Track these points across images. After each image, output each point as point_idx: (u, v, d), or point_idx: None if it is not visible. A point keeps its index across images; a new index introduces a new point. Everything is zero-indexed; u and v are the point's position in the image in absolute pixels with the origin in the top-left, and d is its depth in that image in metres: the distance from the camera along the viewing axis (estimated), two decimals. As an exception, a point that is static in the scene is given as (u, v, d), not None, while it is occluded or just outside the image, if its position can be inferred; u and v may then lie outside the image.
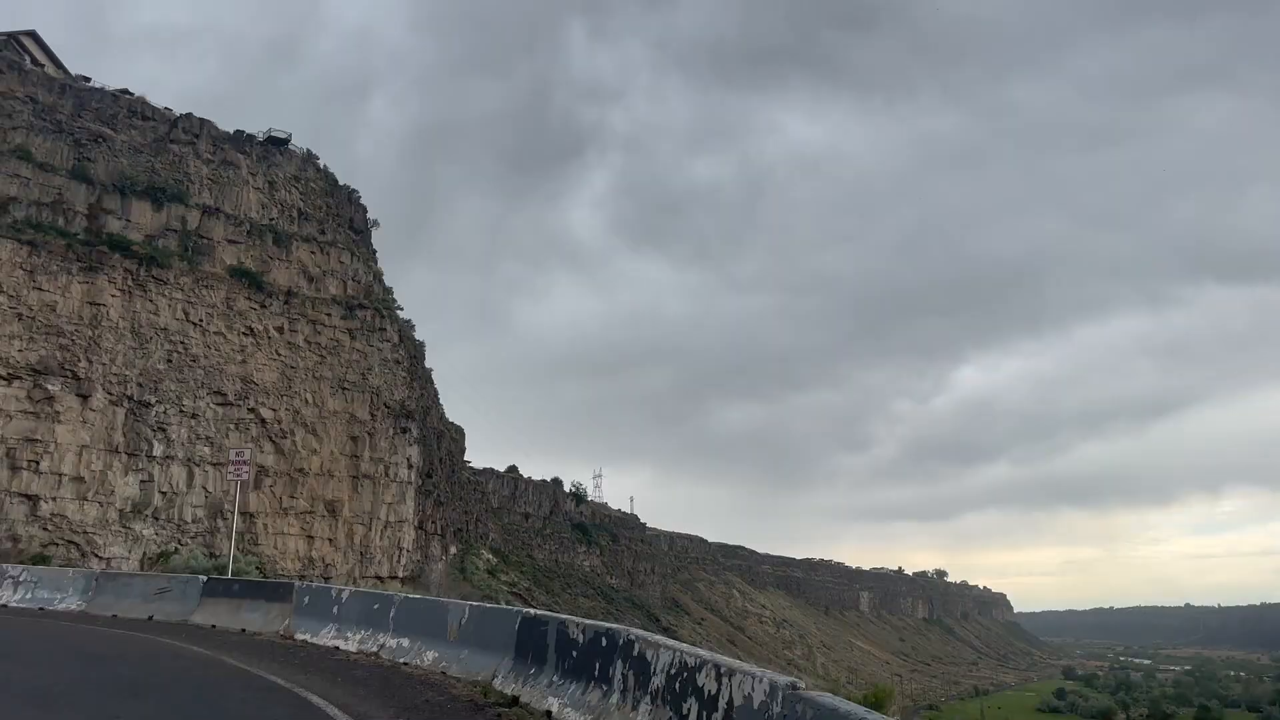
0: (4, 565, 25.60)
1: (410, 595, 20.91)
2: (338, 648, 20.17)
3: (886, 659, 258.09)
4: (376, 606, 20.17)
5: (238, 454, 32.71)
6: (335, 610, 21.33)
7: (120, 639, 21.66)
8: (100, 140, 72.19)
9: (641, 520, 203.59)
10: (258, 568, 70.43)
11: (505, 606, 19.79)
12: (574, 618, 14.68)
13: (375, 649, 19.34)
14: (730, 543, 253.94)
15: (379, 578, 78.64)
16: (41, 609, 26.00)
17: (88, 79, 76.55)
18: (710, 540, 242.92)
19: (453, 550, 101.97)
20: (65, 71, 76.87)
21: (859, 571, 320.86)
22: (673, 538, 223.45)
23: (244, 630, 22.65)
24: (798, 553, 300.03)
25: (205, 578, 25.18)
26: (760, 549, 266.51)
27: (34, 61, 74.68)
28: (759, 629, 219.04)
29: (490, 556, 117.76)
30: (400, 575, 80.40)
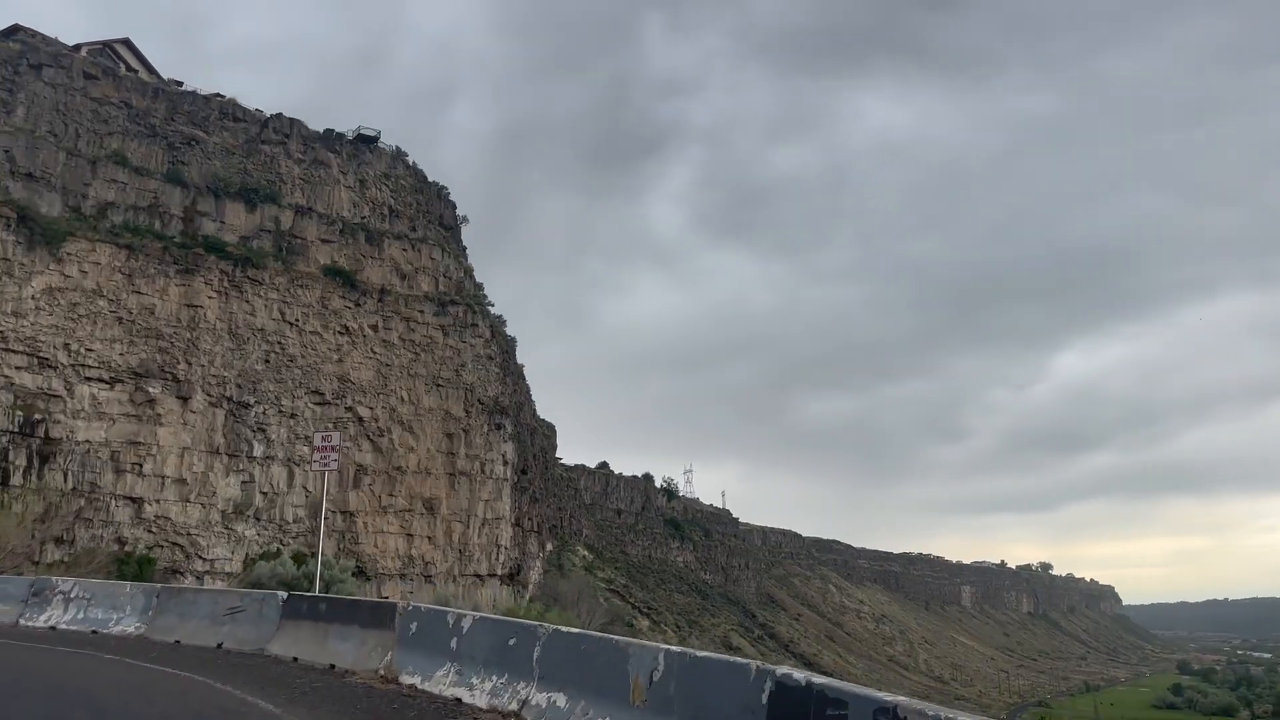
0: (52, 579, 22.50)
1: (564, 629, 13.58)
2: (460, 700, 14.42)
3: (991, 655, 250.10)
4: (513, 642, 14.14)
5: (324, 438, 25.69)
6: (454, 644, 15.50)
7: (166, 685, 15.90)
8: (193, 143, 72.56)
9: (734, 515, 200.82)
10: (357, 568, 69.93)
11: (733, 658, 8.70)
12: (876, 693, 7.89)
13: (515, 706, 13.34)
14: (824, 537, 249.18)
15: (478, 575, 77.65)
16: (94, 632, 21.26)
17: (180, 83, 77.11)
18: (804, 535, 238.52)
19: (549, 547, 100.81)
20: (158, 77, 77.59)
21: (959, 566, 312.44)
22: (766, 533, 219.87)
23: (333, 666, 17.57)
24: (894, 547, 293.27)
25: (284, 595, 19.94)
26: (855, 544, 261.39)
27: (128, 69, 75.50)
28: (857, 625, 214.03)
29: (586, 553, 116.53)
30: (499, 573, 79.31)
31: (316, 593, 25.67)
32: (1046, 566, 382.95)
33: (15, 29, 70.42)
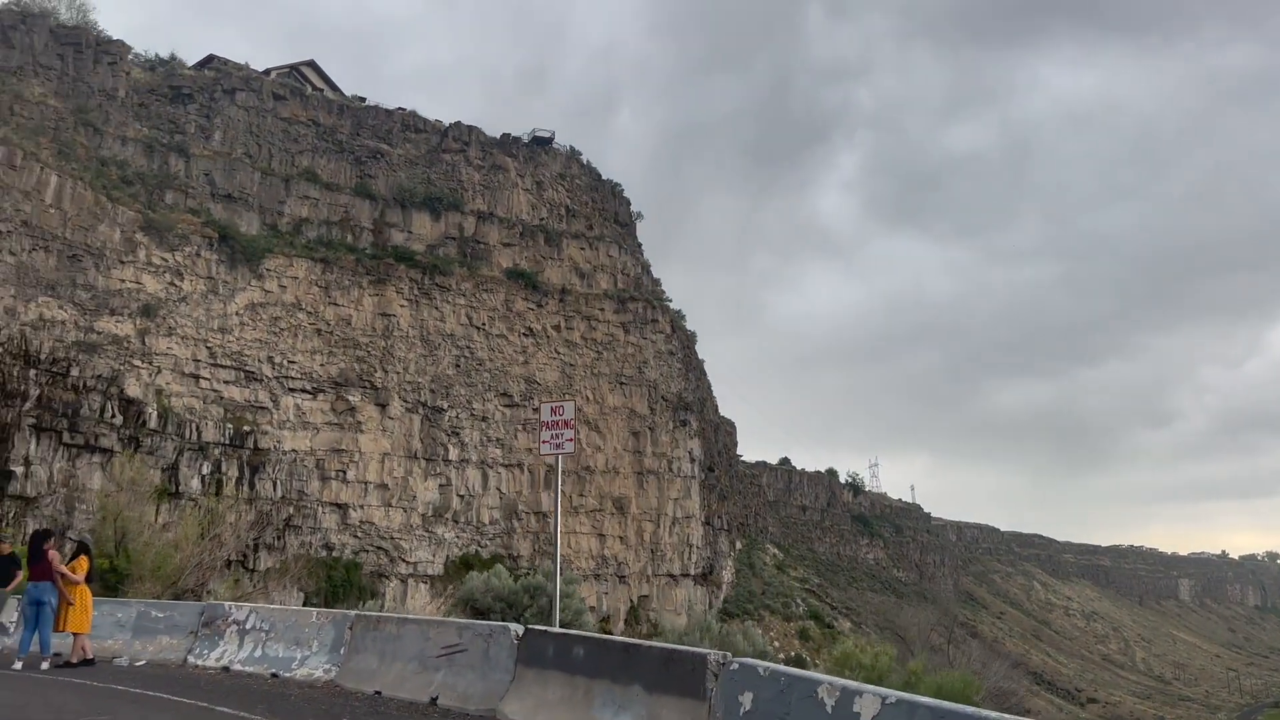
0: (227, 606, 18.33)
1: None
2: None
3: (1216, 652, 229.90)
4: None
5: (555, 409, 18.79)
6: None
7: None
8: (379, 156, 74.28)
9: (925, 510, 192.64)
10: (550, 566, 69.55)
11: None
12: None
13: None
14: (1024, 531, 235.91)
15: (671, 575, 76.02)
16: (274, 675, 16.52)
17: (363, 99, 79.30)
18: (1002, 529, 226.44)
19: (738, 545, 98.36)
20: (342, 95, 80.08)
21: (1174, 557, 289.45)
22: (960, 527, 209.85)
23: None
24: (1101, 539, 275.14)
25: (518, 629, 13.97)
26: (1058, 537, 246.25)
27: (313, 89, 78.20)
28: (1066, 623, 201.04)
29: (776, 551, 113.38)
30: (692, 573, 77.47)
31: (556, 622, 18.84)
32: (1274, 556, 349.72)
33: (210, 59, 74.12)
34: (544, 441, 18.71)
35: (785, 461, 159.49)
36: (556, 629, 13.97)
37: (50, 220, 53.23)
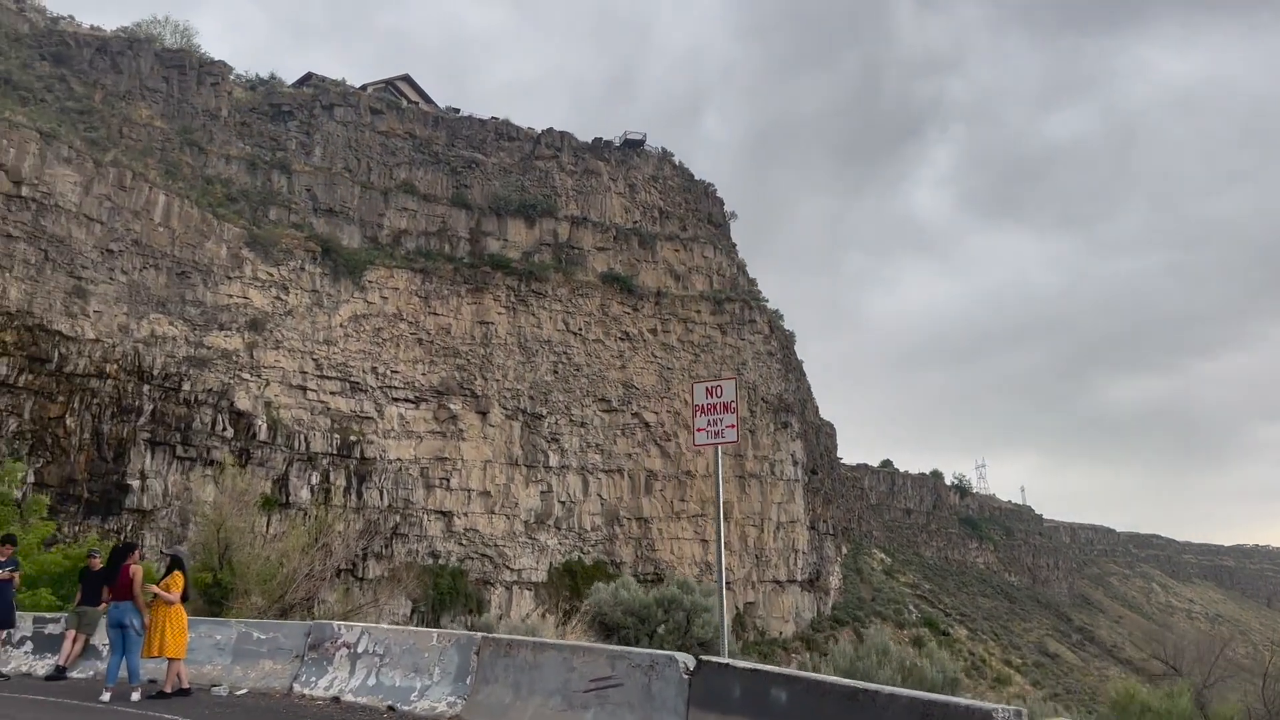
0: (335, 627, 16.14)
1: None
2: None
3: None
4: None
5: (711, 390, 15.27)
6: None
7: None
8: (474, 166, 74.62)
9: (1036, 511, 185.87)
10: (655, 575, 68.48)
11: None
12: None
13: None
14: (1141, 531, 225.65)
15: (777, 582, 74.23)
16: (391, 708, 14.34)
17: (457, 110, 79.87)
18: (1118, 530, 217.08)
19: (844, 550, 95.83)
20: (436, 107, 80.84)
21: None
22: (1074, 529, 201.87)
23: None
24: (1223, 539, 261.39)
25: (690, 660, 11.03)
26: (1177, 536, 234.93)
27: (409, 103, 79.09)
28: (1188, 626, 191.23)
29: (883, 556, 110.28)
30: (799, 579, 75.52)
31: (724, 651, 13.87)
32: None
33: (307, 77, 75.61)
34: (699, 430, 15.00)
35: (887, 464, 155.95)
36: (744, 663, 10.72)
37: (159, 238, 54.59)
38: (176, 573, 15.30)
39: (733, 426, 14.77)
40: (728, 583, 71.49)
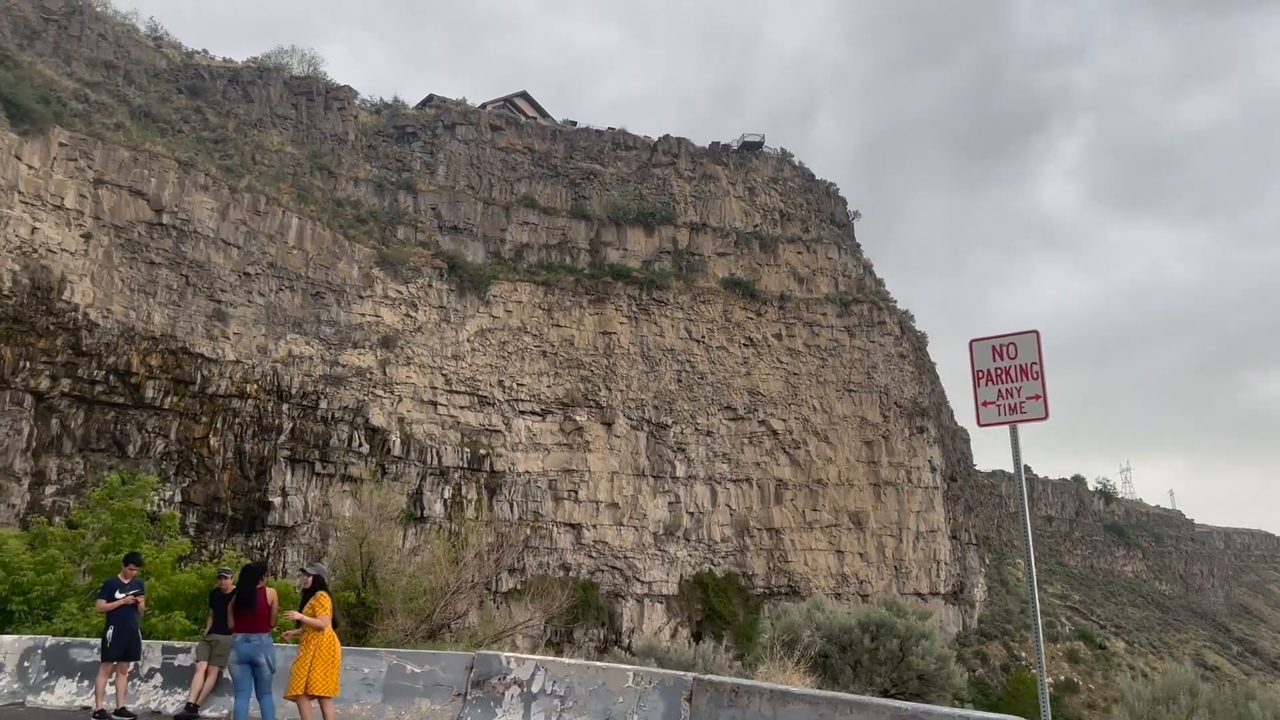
0: (503, 660, 13.51)
1: None
2: None
3: None
4: None
5: (1001, 352, 11.22)
6: None
7: None
8: (592, 177, 74.43)
9: (1186, 516, 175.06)
10: (789, 588, 66.51)
11: None
12: None
13: None
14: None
15: (918, 594, 71.10)
16: None
17: (574, 123, 79.93)
18: (1278, 534, 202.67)
19: (987, 560, 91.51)
20: (554, 121, 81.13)
21: None
22: (1228, 534, 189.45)
23: None
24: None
25: None
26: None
27: (526, 118, 79.59)
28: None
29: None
30: (941, 591, 72.17)
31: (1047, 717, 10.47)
32: None
33: (429, 98, 76.92)
34: (985, 404, 11.30)
35: (1025, 469, 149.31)
36: None
37: (294, 260, 55.91)
38: (322, 594, 12.74)
39: (1037, 398, 11.07)
40: (864, 595, 68.85)
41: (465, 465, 60.82)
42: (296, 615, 12.56)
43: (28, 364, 43.55)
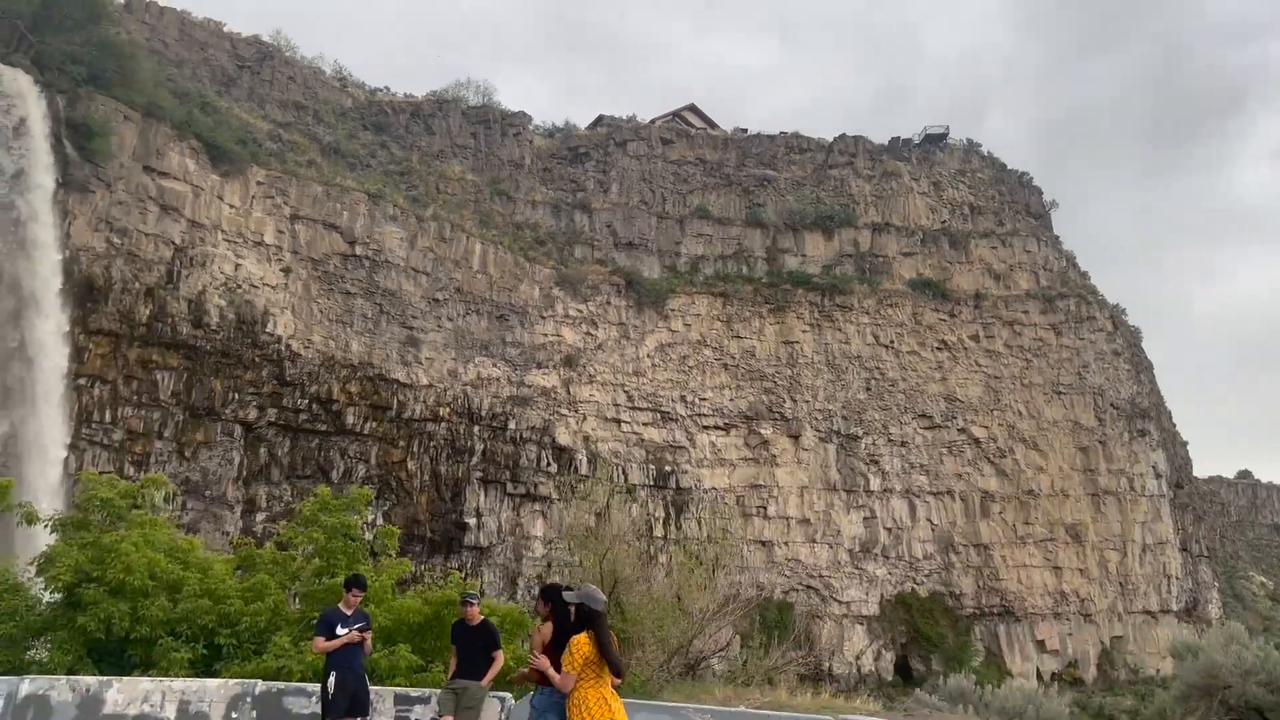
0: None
1: None
2: None
3: None
4: None
5: None
6: None
7: None
8: (766, 183, 72.40)
9: None
10: (1002, 608, 61.98)
11: None
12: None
13: None
14: None
15: (1148, 612, 64.98)
16: None
17: (744, 130, 78.25)
18: None
19: (1219, 574, 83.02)
20: (724, 131, 79.65)
21: None
22: None
23: None
24: None
25: None
26: None
27: (695, 130, 78.41)
28: None
29: (1263, 579, 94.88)
30: (1173, 608, 65.60)
31: None
32: None
33: (599, 119, 77.05)
34: None
35: (1245, 474, 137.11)
36: None
37: (478, 285, 56.55)
38: (587, 632, 8.59)
39: None
40: (1087, 614, 63.27)
41: (651, 483, 59.73)
42: (540, 663, 8.76)
43: (236, 395, 45.43)
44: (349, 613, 11.96)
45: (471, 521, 51.42)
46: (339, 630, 11.71)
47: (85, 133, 40.57)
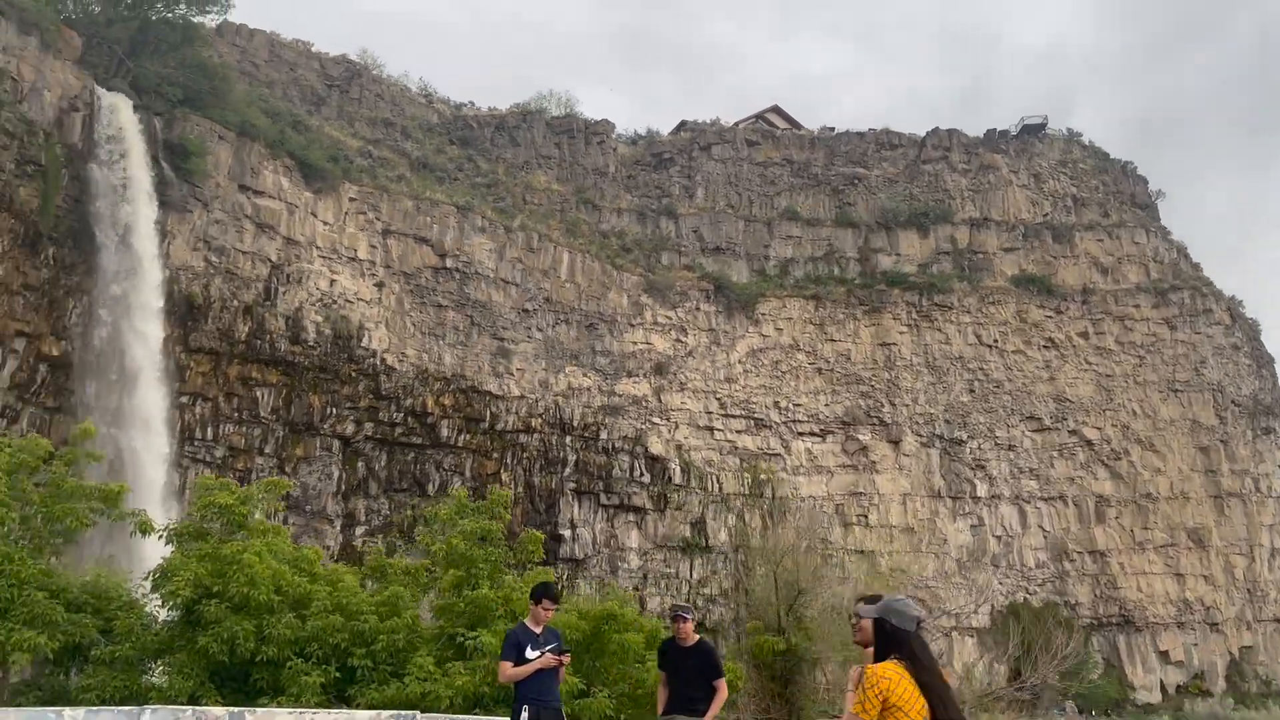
0: None
1: None
2: None
3: None
4: None
5: None
6: None
7: None
8: (856, 181, 70.55)
9: None
10: (1121, 617, 58.82)
11: None
12: None
13: None
14: None
15: (1278, 620, 60.97)
16: None
17: (831, 129, 76.51)
18: None
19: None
20: (810, 130, 78.03)
21: None
22: None
23: None
24: None
25: None
26: None
27: (781, 130, 76.97)
28: None
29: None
30: (1310, 618, 61.50)
31: None
32: None
33: (682, 124, 76.19)
34: None
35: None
36: None
37: (567, 294, 56.10)
38: (883, 667, 5.62)
39: None
40: (1213, 623, 59.62)
41: (746, 492, 58.39)
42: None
43: (334, 410, 45.67)
44: (538, 631, 9.46)
45: (566, 533, 50.82)
46: (529, 653, 9.23)
47: (182, 153, 41.27)
